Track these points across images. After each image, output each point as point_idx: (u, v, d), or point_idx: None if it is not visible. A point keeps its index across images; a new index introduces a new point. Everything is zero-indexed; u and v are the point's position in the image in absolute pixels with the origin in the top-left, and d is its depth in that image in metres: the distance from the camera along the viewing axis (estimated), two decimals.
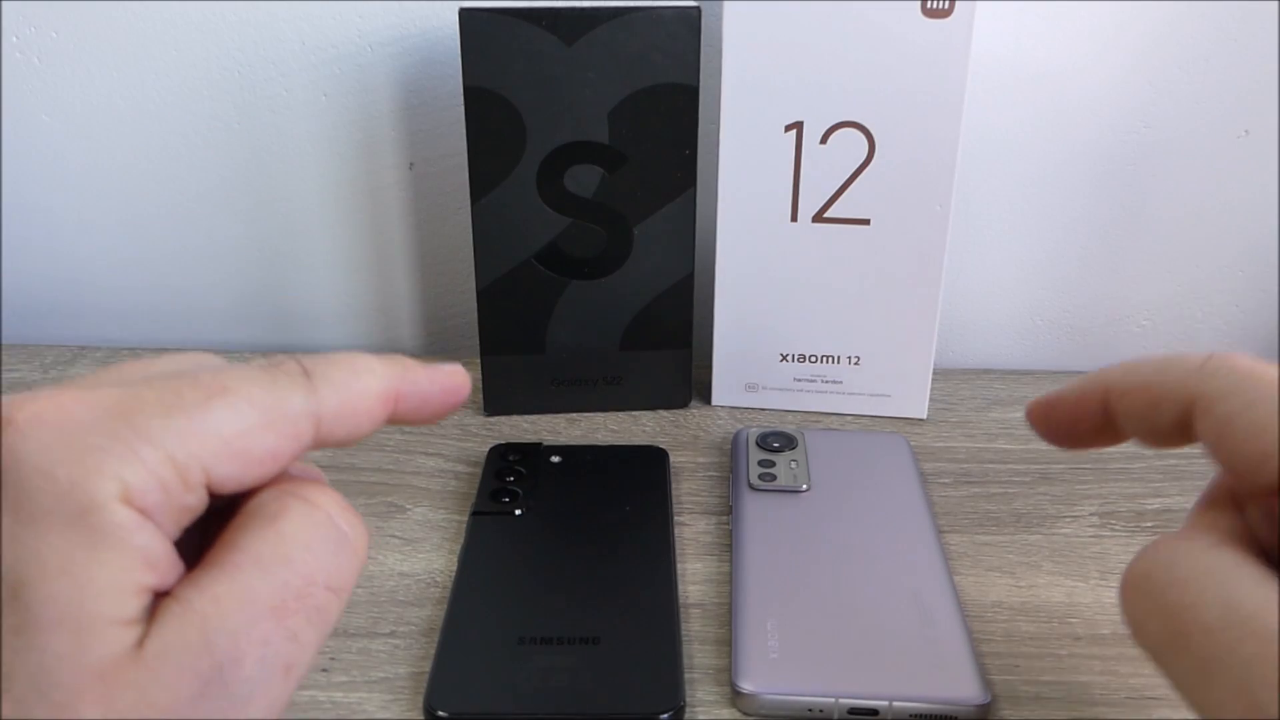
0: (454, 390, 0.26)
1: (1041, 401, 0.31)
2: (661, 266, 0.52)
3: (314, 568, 0.22)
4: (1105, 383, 0.29)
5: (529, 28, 0.47)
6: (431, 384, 0.26)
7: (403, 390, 0.25)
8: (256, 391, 0.22)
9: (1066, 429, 0.30)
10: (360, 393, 0.24)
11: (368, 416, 0.24)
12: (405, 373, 0.25)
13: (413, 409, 0.25)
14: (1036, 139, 0.58)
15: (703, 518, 0.47)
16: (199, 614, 0.20)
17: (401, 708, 0.36)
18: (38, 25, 0.56)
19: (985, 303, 0.62)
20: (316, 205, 0.60)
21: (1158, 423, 0.27)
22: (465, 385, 0.27)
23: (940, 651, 0.38)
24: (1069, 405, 0.30)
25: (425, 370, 0.26)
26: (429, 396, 0.26)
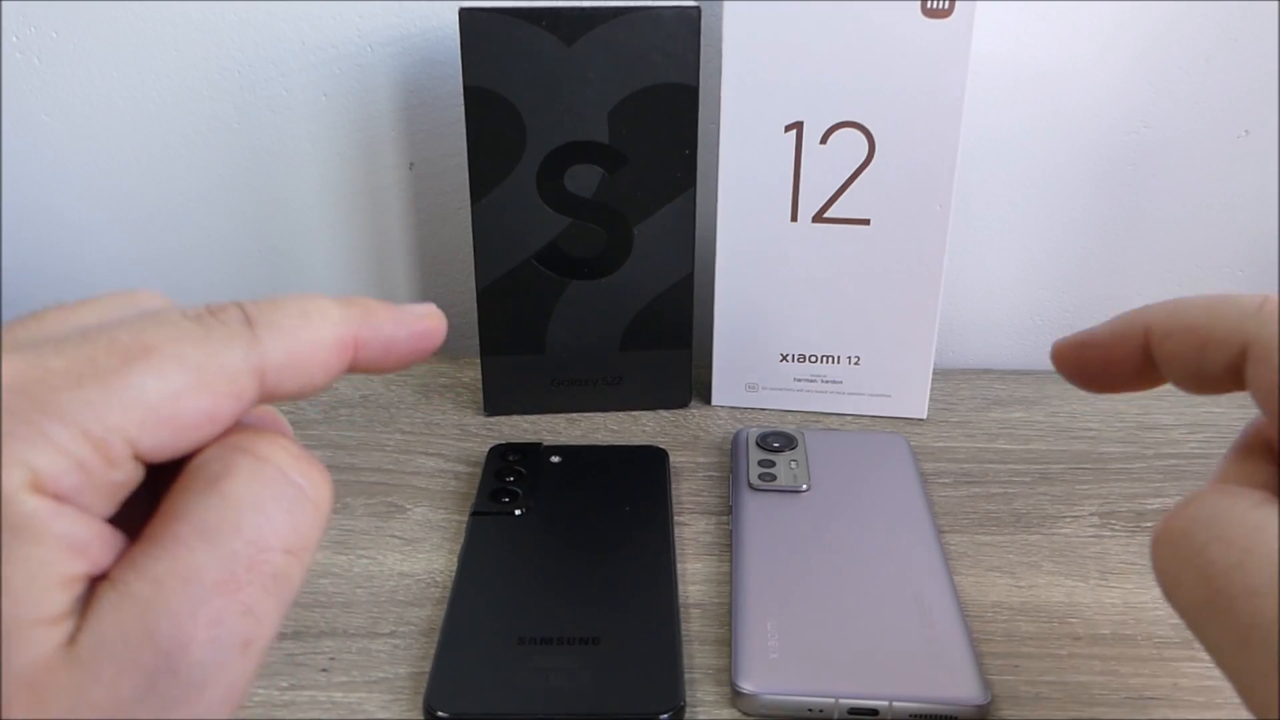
0: (426, 334, 0.24)
1: (1071, 342, 0.29)
2: (661, 266, 0.52)
3: (266, 531, 0.19)
4: (1146, 322, 0.27)
5: (529, 28, 0.47)
6: (398, 327, 0.23)
7: (363, 336, 0.22)
8: (187, 349, 0.19)
9: (1098, 371, 0.28)
10: (312, 341, 0.21)
11: (322, 367, 0.22)
12: (366, 316, 0.23)
13: (376, 356, 0.23)
14: (1036, 139, 0.58)
15: (703, 518, 0.47)
16: (137, 599, 0.18)
17: (401, 708, 0.36)
18: (38, 25, 0.56)
19: (985, 303, 0.62)
20: (316, 205, 0.60)
21: (1205, 368, 0.25)
22: (439, 327, 0.24)
23: (940, 651, 0.38)
24: (1103, 345, 0.28)
25: (390, 312, 0.23)
26: (395, 342, 0.23)
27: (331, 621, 0.40)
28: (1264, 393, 0.24)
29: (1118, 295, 0.62)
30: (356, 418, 0.54)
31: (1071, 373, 0.29)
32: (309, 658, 0.39)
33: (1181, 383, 0.27)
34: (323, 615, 0.41)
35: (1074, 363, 0.29)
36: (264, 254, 0.62)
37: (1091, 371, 0.29)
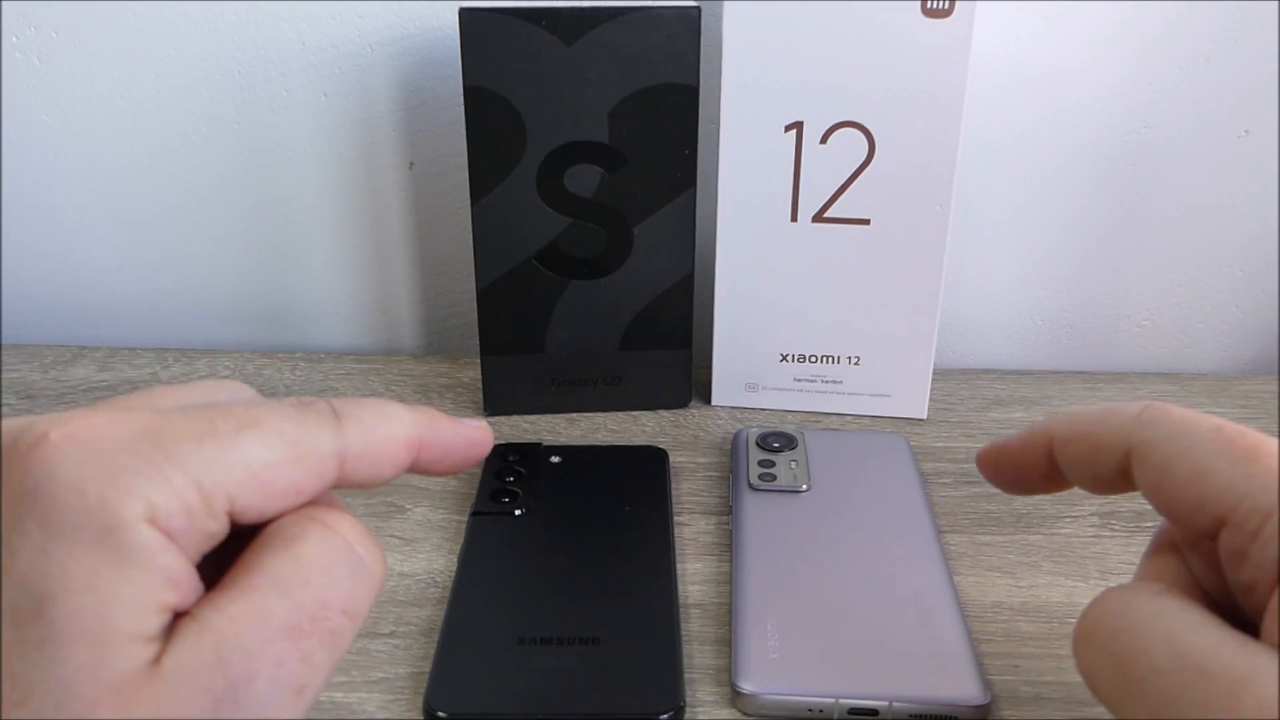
0: (477, 444, 0.27)
1: (990, 450, 0.32)
2: (661, 266, 0.52)
3: (330, 591, 0.22)
4: (1049, 432, 0.30)
5: (529, 28, 0.47)
6: (455, 436, 0.26)
7: (427, 439, 0.26)
8: (287, 427, 0.23)
9: (1014, 476, 0.31)
10: (386, 437, 0.24)
11: (391, 461, 0.25)
12: (431, 423, 0.26)
13: (435, 459, 0.26)
14: (1036, 139, 0.58)
15: (703, 518, 0.47)
16: (215, 632, 0.21)
17: (401, 708, 0.36)
18: (38, 25, 0.56)
19: (985, 303, 0.62)
20: (316, 205, 0.60)
21: (1098, 471, 0.28)
22: (488, 440, 0.28)
23: (940, 651, 0.38)
24: (1014, 454, 0.31)
25: (451, 422, 0.26)
26: (452, 448, 0.26)
27: None
28: (1150, 491, 0.27)
29: (1118, 295, 0.62)
30: None
31: (992, 477, 0.32)
32: None
33: (1084, 485, 0.29)
34: None
35: (992, 468, 0.32)
36: (264, 254, 0.62)
37: (1008, 477, 0.32)
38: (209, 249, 0.61)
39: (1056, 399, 0.57)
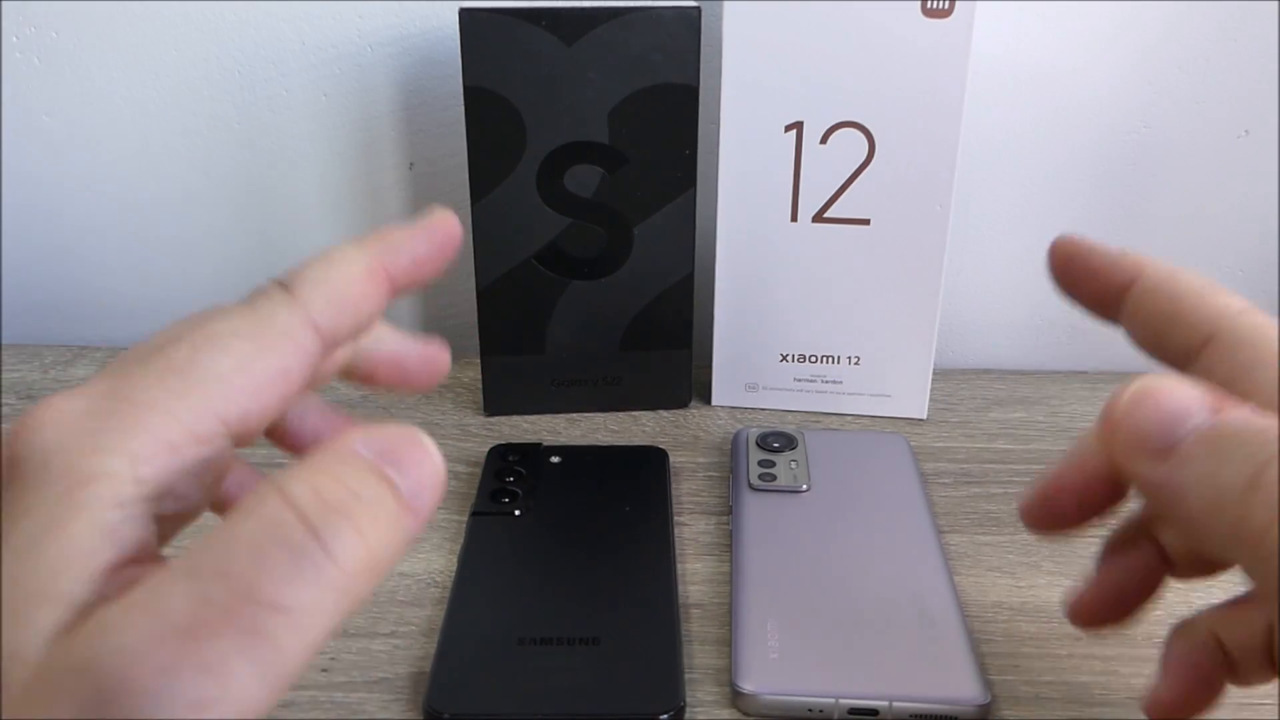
0: (445, 236, 0.26)
1: (1075, 246, 0.29)
2: (661, 266, 0.52)
3: (256, 581, 0.17)
4: (1140, 266, 0.28)
5: (529, 28, 0.47)
6: (416, 240, 0.25)
7: (387, 259, 0.24)
8: (240, 324, 0.22)
9: (1085, 281, 0.29)
10: (345, 279, 0.23)
11: (364, 299, 0.24)
12: (384, 242, 0.24)
13: (410, 271, 0.25)
14: (1036, 139, 0.58)
15: (703, 518, 0.47)
16: (98, 626, 0.17)
17: (401, 708, 0.36)
18: (38, 25, 0.56)
19: (985, 303, 0.62)
20: (316, 205, 0.60)
21: (1167, 337, 0.27)
22: (455, 227, 0.26)
23: (940, 651, 0.38)
24: (1099, 261, 0.29)
25: (405, 231, 0.25)
26: (422, 253, 0.25)
27: None
28: (1217, 381, 0.25)
29: None
30: (356, 418, 0.54)
31: (1062, 278, 0.29)
32: None
33: (1143, 342, 0.28)
34: None
35: (1067, 275, 0.29)
36: (264, 254, 0.62)
37: (1079, 281, 0.29)
38: (209, 249, 0.61)
39: (1056, 399, 0.57)
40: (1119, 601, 0.30)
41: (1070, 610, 0.30)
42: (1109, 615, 0.30)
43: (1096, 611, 0.30)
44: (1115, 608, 0.30)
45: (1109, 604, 0.30)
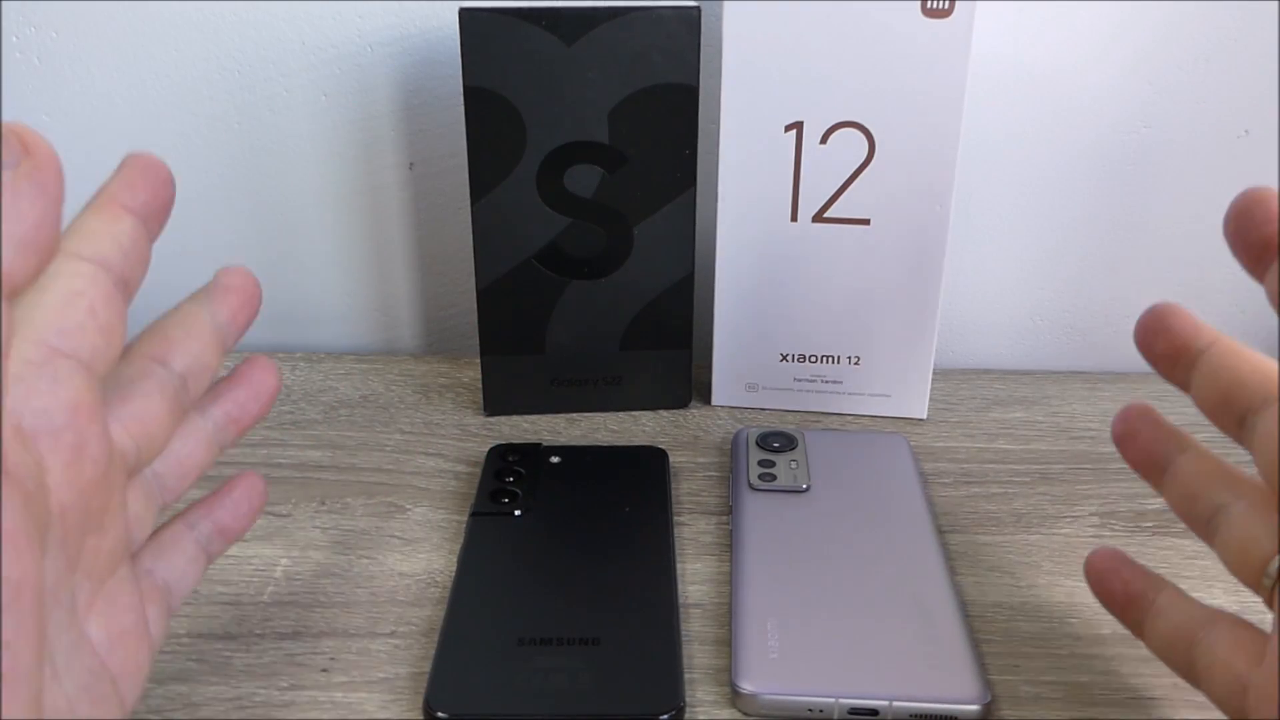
0: (149, 171, 0.28)
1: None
2: (661, 266, 0.52)
3: None
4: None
5: (529, 28, 0.47)
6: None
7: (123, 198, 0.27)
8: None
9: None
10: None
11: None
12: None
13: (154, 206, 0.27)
14: (1036, 139, 0.58)
15: (703, 518, 0.47)
16: None
17: (401, 708, 0.36)
18: (38, 25, 0.56)
19: (985, 303, 0.62)
20: (316, 205, 0.60)
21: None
22: (160, 169, 0.29)
23: (940, 651, 0.38)
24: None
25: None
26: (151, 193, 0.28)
27: (331, 621, 0.40)
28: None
29: (1118, 295, 0.62)
30: (356, 418, 0.54)
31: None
32: (309, 658, 0.39)
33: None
34: (323, 615, 0.41)
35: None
36: (263, 254, 0.62)
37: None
38: (209, 249, 0.61)
39: (1056, 399, 0.57)
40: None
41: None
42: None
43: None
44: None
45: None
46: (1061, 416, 0.55)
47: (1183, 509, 0.32)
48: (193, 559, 0.32)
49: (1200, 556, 0.44)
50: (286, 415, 0.54)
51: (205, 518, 0.33)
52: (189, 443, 0.32)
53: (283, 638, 0.39)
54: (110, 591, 0.27)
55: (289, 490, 0.48)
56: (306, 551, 0.44)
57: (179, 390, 0.29)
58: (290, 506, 0.47)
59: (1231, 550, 0.30)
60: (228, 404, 0.33)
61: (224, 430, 0.33)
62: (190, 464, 0.32)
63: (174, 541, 0.32)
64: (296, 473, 0.49)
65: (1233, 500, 0.30)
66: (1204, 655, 0.30)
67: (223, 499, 0.34)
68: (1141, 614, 0.34)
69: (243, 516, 0.34)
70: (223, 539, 0.33)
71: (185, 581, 0.32)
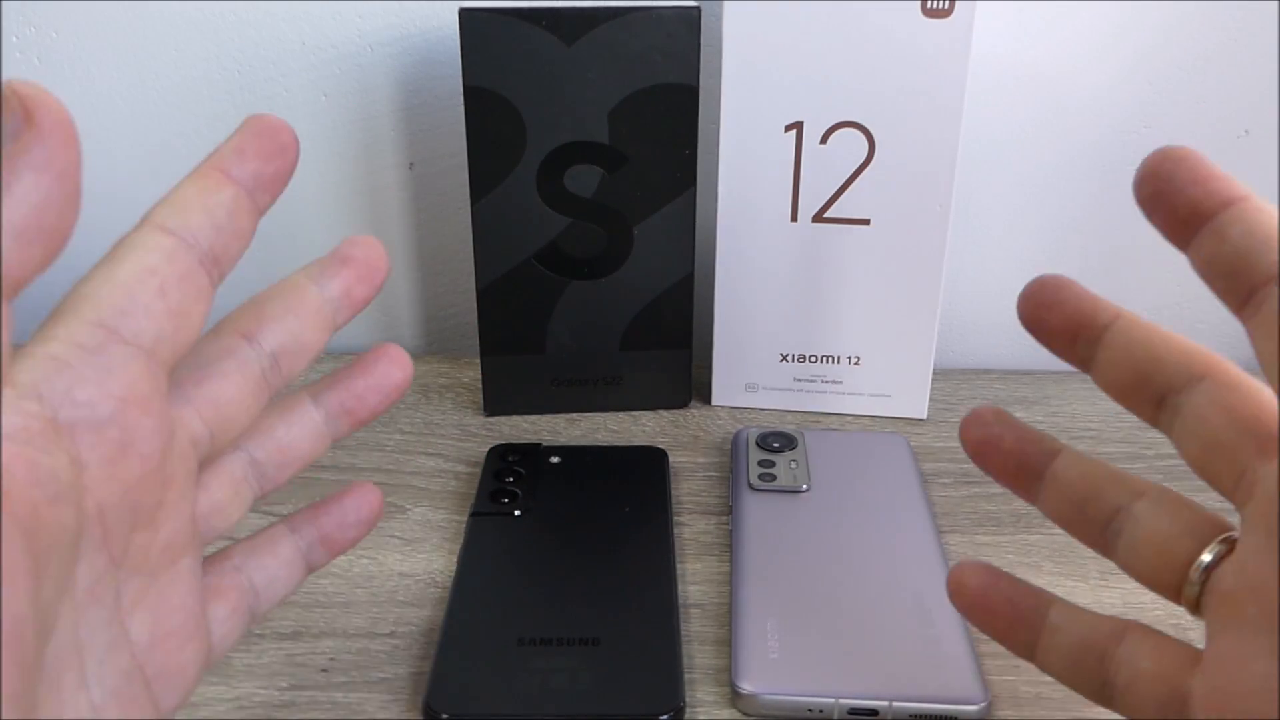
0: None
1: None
2: (661, 266, 0.52)
3: None
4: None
5: (529, 28, 0.47)
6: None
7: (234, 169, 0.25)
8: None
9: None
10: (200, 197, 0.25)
11: (220, 210, 0.25)
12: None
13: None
14: (1036, 139, 0.58)
15: (703, 518, 0.47)
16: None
17: (401, 708, 0.36)
18: (38, 25, 0.56)
19: (985, 303, 0.62)
20: (316, 205, 0.60)
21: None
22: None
23: (940, 652, 0.38)
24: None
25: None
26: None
27: (331, 621, 0.40)
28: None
29: (1118, 295, 0.61)
30: None
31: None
32: (309, 658, 0.39)
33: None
34: (323, 615, 0.41)
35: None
36: (263, 253, 0.61)
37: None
38: None
39: (1056, 399, 0.57)
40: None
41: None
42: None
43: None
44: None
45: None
46: (1061, 416, 0.55)
47: (1069, 516, 0.28)
48: (288, 563, 0.30)
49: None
50: None
51: (310, 523, 0.30)
52: (294, 430, 0.29)
53: (283, 638, 0.39)
54: (163, 587, 0.25)
55: (289, 490, 0.48)
56: None
57: (267, 370, 0.27)
58: (290, 506, 0.47)
59: (1142, 554, 0.27)
60: (343, 393, 0.29)
61: (337, 421, 0.29)
62: (294, 454, 0.29)
63: (271, 542, 0.30)
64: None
65: (1132, 500, 0.27)
66: (1123, 671, 0.27)
67: (330, 506, 0.31)
68: (1033, 634, 0.29)
69: (350, 527, 0.31)
70: (327, 549, 0.31)
71: (277, 586, 0.29)
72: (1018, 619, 0.29)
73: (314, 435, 0.29)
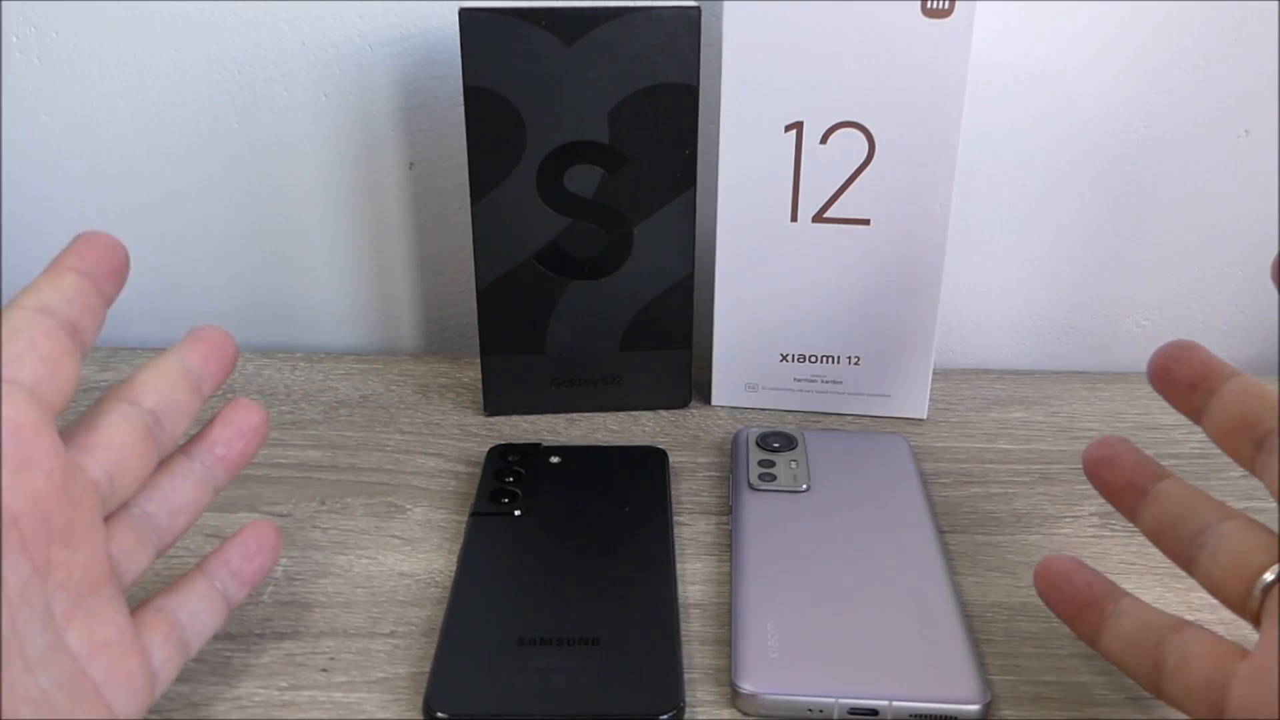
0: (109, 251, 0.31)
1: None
2: (661, 266, 0.52)
3: None
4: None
5: (529, 28, 0.47)
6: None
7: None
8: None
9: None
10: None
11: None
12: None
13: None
14: (1036, 139, 0.58)
15: (703, 518, 0.47)
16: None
17: (401, 708, 0.36)
18: (38, 25, 0.56)
19: (985, 303, 0.62)
20: (316, 205, 0.60)
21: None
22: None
23: (940, 651, 0.38)
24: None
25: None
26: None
27: (331, 621, 0.40)
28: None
29: (1118, 295, 0.62)
30: (356, 418, 0.54)
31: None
32: (309, 658, 0.39)
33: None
34: (323, 615, 0.41)
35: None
36: (263, 254, 0.62)
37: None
38: (209, 249, 0.61)
39: (1056, 399, 0.57)
40: None
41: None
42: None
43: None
44: None
45: None
46: (1061, 416, 0.55)
47: (1164, 531, 0.33)
48: (207, 598, 0.34)
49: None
50: (286, 415, 0.54)
51: (219, 564, 0.35)
52: (177, 480, 0.34)
53: (283, 638, 0.39)
54: (91, 607, 0.29)
55: (289, 490, 0.48)
56: (306, 551, 0.44)
57: (150, 425, 0.31)
58: (290, 506, 0.47)
59: (1221, 566, 0.31)
60: (213, 443, 0.35)
61: (213, 470, 0.35)
62: (181, 502, 0.34)
63: (186, 584, 0.34)
64: (296, 473, 0.49)
65: (1219, 520, 0.32)
66: (1175, 653, 0.31)
67: (231, 544, 0.36)
68: (1100, 617, 0.34)
69: (253, 558, 0.36)
70: (239, 583, 0.35)
71: (202, 620, 0.34)
72: (1091, 603, 0.34)
73: (196, 485, 0.34)
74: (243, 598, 0.36)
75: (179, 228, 0.61)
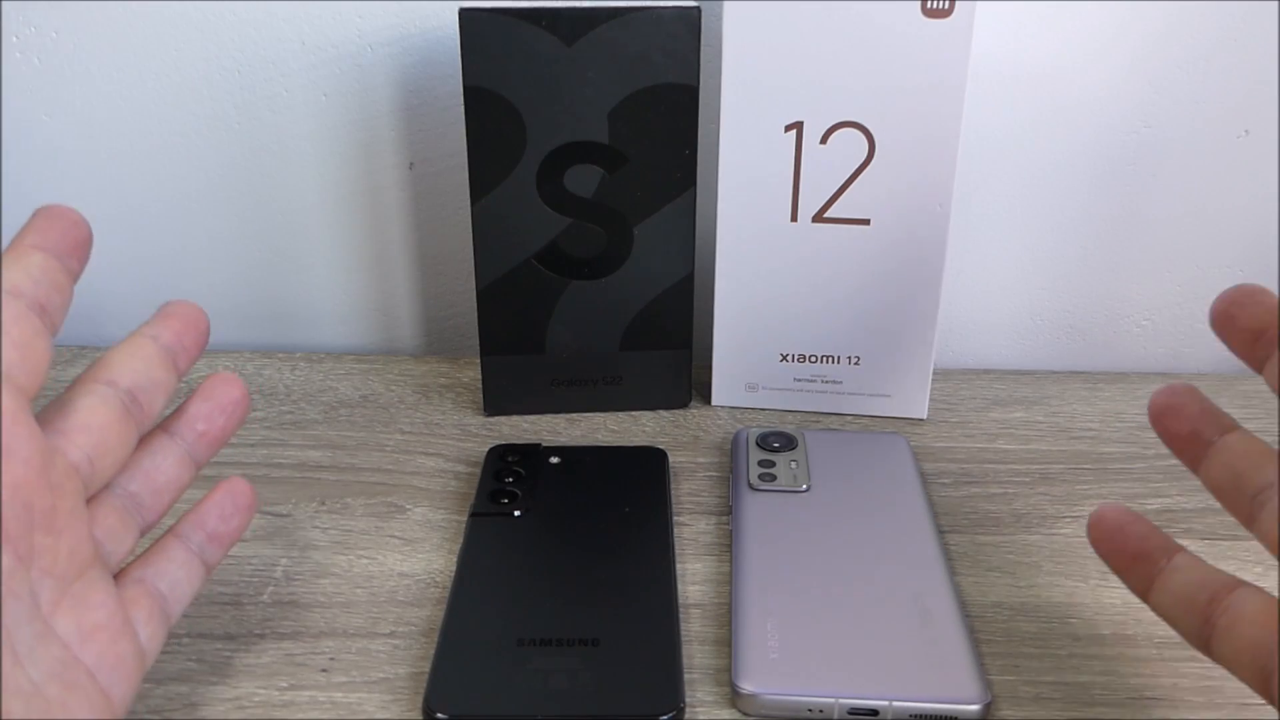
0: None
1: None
2: (661, 266, 0.52)
3: None
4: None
5: (529, 28, 0.47)
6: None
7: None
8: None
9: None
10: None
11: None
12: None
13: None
14: (1036, 139, 0.58)
15: (703, 518, 0.47)
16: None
17: (401, 708, 0.36)
18: (38, 25, 0.56)
19: (985, 303, 0.62)
20: (316, 205, 0.60)
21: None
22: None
23: (940, 651, 0.38)
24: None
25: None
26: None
27: (331, 621, 0.40)
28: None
29: (1117, 294, 0.62)
30: (356, 418, 0.54)
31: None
32: (309, 658, 0.39)
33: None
34: (323, 615, 0.41)
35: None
36: (264, 254, 0.62)
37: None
38: (209, 249, 0.61)
39: (1056, 399, 0.57)
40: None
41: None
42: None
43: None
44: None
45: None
46: (1061, 416, 0.55)
47: (1226, 485, 0.31)
48: (185, 564, 0.33)
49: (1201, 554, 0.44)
50: (286, 415, 0.54)
51: (195, 527, 0.34)
52: (159, 459, 0.33)
53: (283, 638, 0.39)
54: (78, 592, 0.29)
55: (289, 490, 0.48)
56: (306, 551, 0.44)
57: (127, 404, 0.31)
58: (290, 506, 0.47)
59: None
60: (194, 419, 0.34)
61: (195, 446, 0.34)
62: (164, 480, 0.33)
63: (163, 551, 0.33)
64: (296, 473, 0.49)
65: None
66: (1226, 612, 0.30)
67: (207, 505, 0.34)
68: (1152, 570, 0.32)
69: (230, 518, 0.35)
70: (216, 545, 0.34)
71: (182, 588, 0.33)
72: (1144, 555, 0.33)
73: (178, 462, 0.33)
74: (220, 559, 0.35)
75: (179, 227, 0.61)
